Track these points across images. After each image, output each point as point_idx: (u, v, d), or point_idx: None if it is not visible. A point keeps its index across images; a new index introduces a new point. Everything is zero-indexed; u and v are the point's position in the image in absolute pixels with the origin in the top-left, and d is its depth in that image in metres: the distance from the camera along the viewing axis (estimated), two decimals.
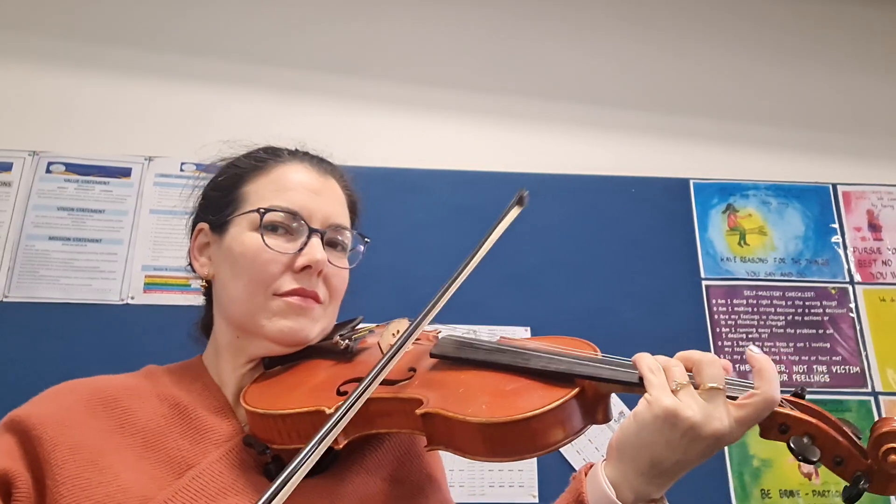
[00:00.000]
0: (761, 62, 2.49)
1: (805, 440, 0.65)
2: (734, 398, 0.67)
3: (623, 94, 2.39)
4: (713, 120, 2.39)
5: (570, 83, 2.39)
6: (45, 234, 1.94)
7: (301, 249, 0.85)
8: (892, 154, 2.40)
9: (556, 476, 1.80)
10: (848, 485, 0.64)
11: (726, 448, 1.90)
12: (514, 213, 0.84)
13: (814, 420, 0.66)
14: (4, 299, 1.86)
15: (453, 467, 1.83)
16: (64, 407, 0.80)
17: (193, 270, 0.94)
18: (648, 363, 0.69)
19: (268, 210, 0.85)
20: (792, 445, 0.65)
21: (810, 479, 1.91)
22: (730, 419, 0.66)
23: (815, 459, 0.65)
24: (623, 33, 2.47)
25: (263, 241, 0.84)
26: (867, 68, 2.51)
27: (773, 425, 0.67)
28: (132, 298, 1.91)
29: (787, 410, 0.66)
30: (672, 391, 0.66)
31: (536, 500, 1.81)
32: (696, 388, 0.67)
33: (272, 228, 0.85)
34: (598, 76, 2.41)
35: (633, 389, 0.70)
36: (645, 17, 2.50)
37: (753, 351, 0.68)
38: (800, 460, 0.65)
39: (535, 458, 1.85)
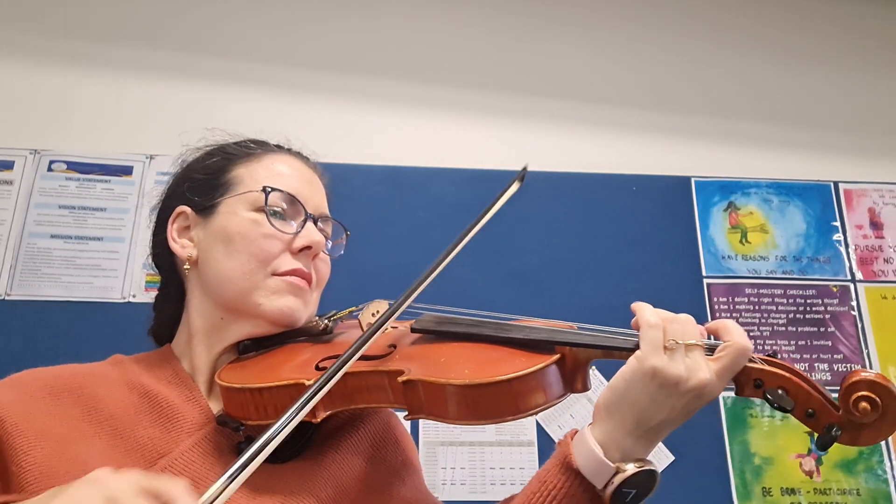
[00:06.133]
0: (763, 60, 2.48)
1: (780, 392, 0.68)
2: (710, 353, 0.70)
3: (624, 92, 2.39)
4: (715, 118, 2.39)
5: (572, 81, 2.39)
6: (46, 233, 1.95)
7: (298, 232, 0.87)
8: (894, 152, 2.40)
9: None
10: (820, 435, 0.67)
11: (728, 446, 1.90)
12: (514, 188, 0.85)
13: (786, 373, 0.68)
14: (6, 297, 1.87)
15: (454, 465, 1.83)
16: (28, 393, 0.79)
17: (156, 263, 0.94)
18: (649, 317, 0.70)
19: (273, 190, 0.86)
20: (768, 397, 0.68)
21: (811, 478, 1.92)
22: (711, 372, 0.68)
23: (789, 409, 0.67)
24: (624, 32, 2.47)
25: (269, 219, 0.85)
26: (869, 66, 2.51)
27: (749, 381, 0.69)
28: (134, 296, 1.91)
29: (760, 366, 0.69)
30: (665, 348, 0.68)
31: None
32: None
33: (271, 210, 0.86)
34: (599, 74, 2.41)
35: (612, 354, 0.73)
36: (646, 15, 2.50)
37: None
38: (776, 408, 0.68)
39: (537, 457, 1.86)
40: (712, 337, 0.71)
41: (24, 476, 0.71)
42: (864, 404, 0.65)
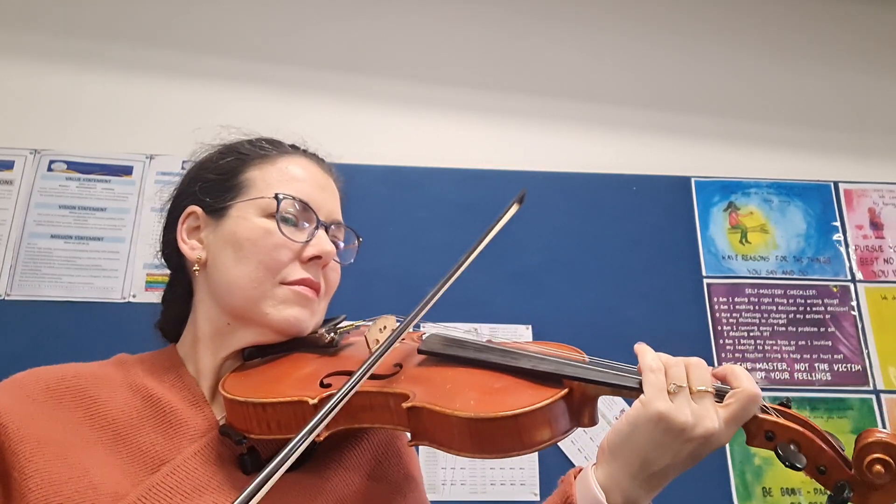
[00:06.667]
0: (763, 60, 2.49)
1: (791, 447, 0.66)
2: (719, 400, 0.68)
3: (625, 92, 2.39)
4: (715, 118, 2.39)
5: (572, 81, 2.39)
6: (46, 233, 1.95)
7: (308, 240, 0.85)
8: (894, 152, 2.40)
9: (557, 474, 1.79)
10: (831, 494, 0.65)
11: (728, 446, 1.90)
12: (514, 210, 0.84)
13: (799, 427, 0.66)
14: (7, 297, 1.87)
15: (455, 465, 1.83)
16: (31, 397, 0.78)
17: (166, 260, 0.94)
18: (650, 362, 0.69)
19: (285, 197, 0.85)
20: (779, 452, 0.66)
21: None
22: (719, 420, 0.66)
23: (800, 466, 0.65)
24: (625, 31, 2.47)
25: (280, 227, 0.83)
26: (869, 66, 2.51)
27: (760, 432, 0.67)
28: (134, 297, 1.91)
29: (773, 418, 0.67)
30: (668, 392, 0.66)
31: (538, 499, 1.82)
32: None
33: (282, 217, 0.84)
34: (599, 74, 2.41)
35: (622, 392, 0.71)
36: (647, 15, 2.50)
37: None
38: (787, 466, 0.65)
39: (537, 458, 1.86)
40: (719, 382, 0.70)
41: (26, 483, 0.70)
42: (878, 467, 0.62)
